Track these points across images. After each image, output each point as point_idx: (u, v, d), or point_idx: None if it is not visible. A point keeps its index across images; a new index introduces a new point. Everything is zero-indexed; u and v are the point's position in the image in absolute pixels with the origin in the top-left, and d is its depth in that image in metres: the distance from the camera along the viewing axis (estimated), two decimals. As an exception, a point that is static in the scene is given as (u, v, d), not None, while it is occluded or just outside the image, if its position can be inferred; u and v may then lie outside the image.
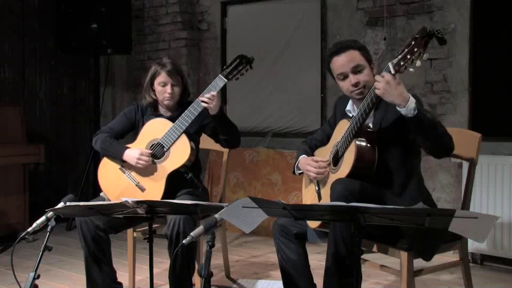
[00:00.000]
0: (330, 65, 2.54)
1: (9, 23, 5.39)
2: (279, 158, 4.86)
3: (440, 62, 4.13)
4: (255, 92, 5.13)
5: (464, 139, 2.70)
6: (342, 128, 2.51)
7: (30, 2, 5.56)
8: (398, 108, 2.26)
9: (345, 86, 2.50)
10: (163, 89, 3.06)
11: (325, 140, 2.73)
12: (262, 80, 5.05)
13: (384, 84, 2.23)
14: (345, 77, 2.48)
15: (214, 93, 2.93)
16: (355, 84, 2.45)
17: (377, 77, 2.29)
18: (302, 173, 2.70)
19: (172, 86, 3.06)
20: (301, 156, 2.69)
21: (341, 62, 2.47)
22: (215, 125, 3.06)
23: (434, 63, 4.15)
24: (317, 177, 2.56)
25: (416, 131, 2.30)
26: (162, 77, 3.05)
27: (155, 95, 3.11)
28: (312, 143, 2.80)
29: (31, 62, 5.60)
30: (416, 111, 2.23)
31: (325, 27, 4.72)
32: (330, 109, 4.64)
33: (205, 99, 2.92)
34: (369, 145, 2.39)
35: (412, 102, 2.23)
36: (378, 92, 2.28)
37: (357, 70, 2.46)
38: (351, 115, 2.53)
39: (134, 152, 2.96)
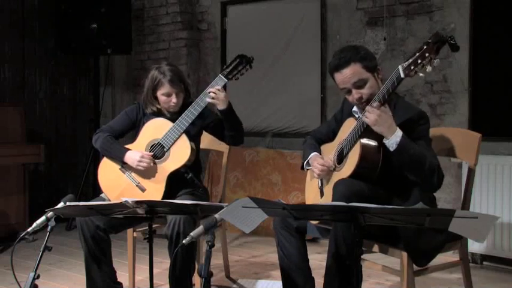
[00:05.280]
0: (332, 78, 2.53)
1: (9, 23, 5.39)
2: (279, 158, 4.86)
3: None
4: (255, 92, 5.13)
5: (464, 139, 2.70)
6: (349, 126, 2.51)
7: (30, 2, 5.56)
8: (384, 140, 2.31)
9: (350, 98, 2.50)
10: (167, 99, 3.03)
11: (330, 135, 2.73)
12: (262, 80, 5.05)
13: (375, 118, 2.28)
14: (348, 91, 2.48)
15: (218, 87, 2.94)
16: (358, 99, 2.45)
17: (368, 108, 2.31)
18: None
19: (176, 94, 3.03)
20: (313, 154, 2.70)
21: (342, 79, 2.45)
22: (221, 121, 3.05)
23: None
24: (320, 174, 2.58)
25: (397, 163, 2.33)
26: (165, 88, 3.01)
27: (159, 104, 3.08)
28: (317, 137, 2.81)
29: (31, 62, 5.59)
30: (396, 146, 2.27)
31: (325, 27, 4.72)
32: (330, 109, 4.65)
33: (213, 91, 2.92)
34: (374, 146, 2.38)
35: (396, 136, 2.28)
36: (368, 122, 2.31)
37: (359, 85, 2.43)
38: (357, 116, 2.54)
39: (135, 155, 2.95)
